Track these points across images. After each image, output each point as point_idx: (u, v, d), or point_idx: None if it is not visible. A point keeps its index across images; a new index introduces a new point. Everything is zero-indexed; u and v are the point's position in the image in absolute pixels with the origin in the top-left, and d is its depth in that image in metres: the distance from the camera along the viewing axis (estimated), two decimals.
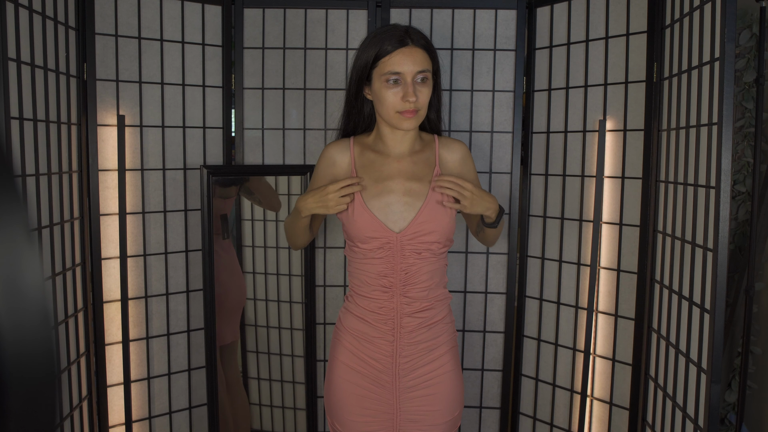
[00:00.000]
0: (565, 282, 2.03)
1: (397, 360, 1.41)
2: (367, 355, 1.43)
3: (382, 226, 1.37)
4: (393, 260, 1.38)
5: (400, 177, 1.42)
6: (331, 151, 1.49)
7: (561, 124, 2.03)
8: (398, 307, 1.40)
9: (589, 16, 1.93)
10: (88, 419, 1.87)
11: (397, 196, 1.40)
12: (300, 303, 2.16)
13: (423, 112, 1.39)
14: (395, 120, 1.37)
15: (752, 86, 2.28)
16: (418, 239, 1.38)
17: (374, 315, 1.42)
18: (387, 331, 1.41)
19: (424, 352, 1.43)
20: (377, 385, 1.43)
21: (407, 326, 1.41)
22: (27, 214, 0.39)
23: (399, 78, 1.35)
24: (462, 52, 2.08)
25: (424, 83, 1.37)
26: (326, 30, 2.10)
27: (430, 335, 1.44)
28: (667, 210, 1.70)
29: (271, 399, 2.27)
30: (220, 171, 2.03)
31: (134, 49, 1.93)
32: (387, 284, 1.40)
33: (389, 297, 1.40)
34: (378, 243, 1.38)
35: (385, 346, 1.42)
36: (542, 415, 2.12)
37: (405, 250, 1.38)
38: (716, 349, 1.40)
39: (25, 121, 1.52)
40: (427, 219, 1.39)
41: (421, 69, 1.36)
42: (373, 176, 1.43)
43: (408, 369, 1.42)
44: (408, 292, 1.40)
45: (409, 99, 1.33)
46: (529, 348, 2.15)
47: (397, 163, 1.44)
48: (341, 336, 1.48)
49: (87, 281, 1.88)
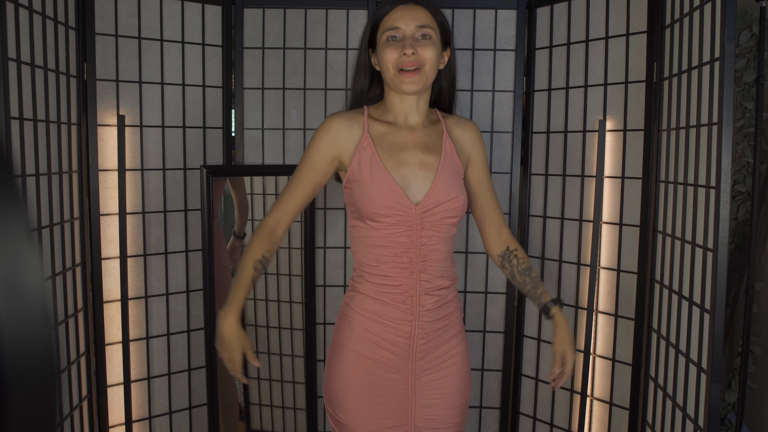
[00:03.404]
0: (565, 282, 2.03)
1: (415, 341, 1.34)
2: (384, 339, 1.34)
3: (404, 198, 1.30)
4: (411, 235, 1.31)
5: (415, 149, 1.35)
6: (335, 125, 1.34)
7: (561, 124, 2.03)
8: (417, 284, 1.33)
9: (589, 16, 1.93)
10: (88, 419, 1.87)
11: (413, 169, 1.33)
12: (300, 303, 2.16)
13: (427, 73, 1.31)
14: (396, 80, 1.30)
15: (752, 86, 2.28)
16: (435, 212, 1.32)
17: (392, 294, 1.33)
18: (406, 310, 1.34)
19: (440, 332, 1.38)
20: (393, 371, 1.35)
21: (426, 304, 1.34)
22: (27, 214, 0.39)
23: (398, 34, 1.30)
24: (462, 52, 2.09)
25: (426, 40, 1.31)
26: (326, 30, 2.10)
27: (446, 314, 1.38)
28: (667, 210, 1.70)
29: (271, 399, 2.27)
30: (220, 171, 2.03)
31: (134, 49, 1.93)
32: (406, 260, 1.32)
33: (408, 274, 1.32)
34: (395, 218, 1.30)
35: (403, 327, 1.34)
36: (542, 415, 2.12)
37: (424, 223, 1.31)
38: (716, 349, 1.40)
39: (25, 121, 1.52)
40: (441, 191, 1.33)
41: (421, 24, 1.30)
42: (387, 148, 1.34)
43: (425, 351, 1.36)
44: (427, 268, 1.33)
45: (406, 51, 1.27)
46: (529, 348, 2.15)
47: (411, 134, 1.37)
48: (352, 321, 1.37)
49: (87, 281, 1.88)
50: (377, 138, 1.35)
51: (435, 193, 1.32)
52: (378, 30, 1.34)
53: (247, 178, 2.15)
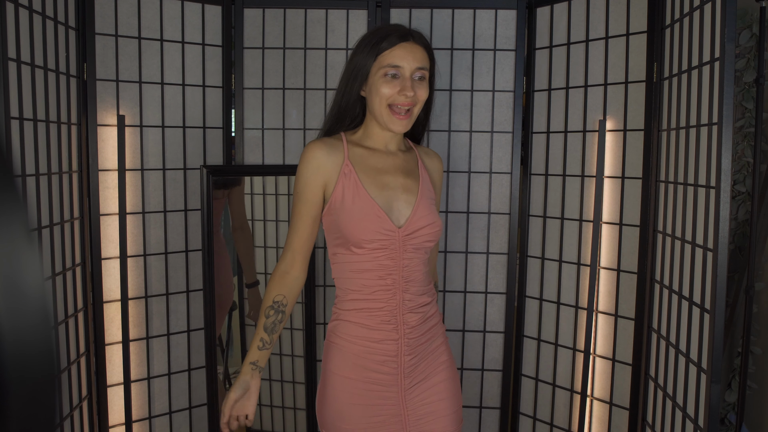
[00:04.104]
0: (565, 282, 2.03)
1: (402, 358, 1.38)
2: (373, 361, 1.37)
3: (388, 222, 1.33)
4: (395, 257, 1.34)
5: (397, 172, 1.39)
6: (315, 154, 1.35)
7: (561, 124, 2.03)
8: (401, 305, 1.37)
9: (589, 16, 1.93)
10: (88, 419, 1.87)
11: (396, 192, 1.36)
12: (300, 303, 2.16)
13: (416, 113, 1.36)
14: (386, 117, 1.33)
15: (752, 86, 2.28)
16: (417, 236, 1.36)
17: (377, 317, 1.37)
18: (391, 329, 1.37)
19: (425, 346, 1.42)
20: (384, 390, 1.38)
21: (410, 322, 1.38)
22: (27, 214, 0.39)
23: (398, 72, 1.32)
24: (462, 52, 2.09)
25: (422, 82, 1.35)
26: (326, 30, 2.10)
27: (429, 328, 1.43)
28: (667, 210, 1.70)
29: (271, 399, 2.27)
30: (220, 171, 2.03)
31: (134, 49, 1.93)
32: (390, 282, 1.35)
33: (391, 295, 1.36)
34: (380, 242, 1.33)
35: (390, 347, 1.37)
36: (542, 415, 2.12)
37: (407, 246, 1.35)
38: (716, 349, 1.40)
39: (25, 121, 1.52)
40: (422, 215, 1.37)
41: (421, 66, 1.34)
42: (370, 172, 1.37)
43: (412, 365, 1.39)
44: (409, 288, 1.38)
45: (407, 93, 1.30)
46: (529, 348, 2.15)
47: (393, 159, 1.41)
48: (341, 349, 1.39)
49: (87, 281, 1.88)
50: (358, 162, 1.37)
51: (417, 217, 1.36)
52: (375, 60, 1.34)
53: (247, 184, 2.15)
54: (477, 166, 2.11)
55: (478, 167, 2.11)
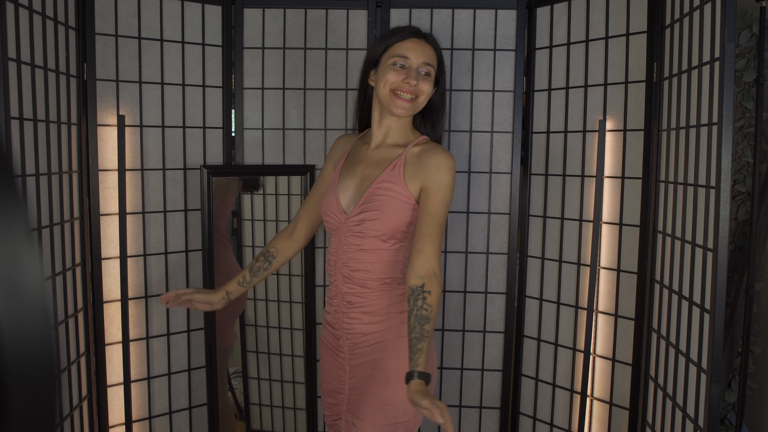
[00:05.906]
0: (565, 282, 2.03)
1: (344, 333, 1.47)
2: (332, 326, 1.51)
3: (337, 205, 1.44)
4: (339, 242, 1.45)
5: (366, 162, 1.47)
6: (338, 142, 1.61)
7: (561, 124, 2.03)
8: (341, 292, 1.45)
9: (589, 16, 1.93)
10: (88, 419, 1.87)
11: (355, 179, 1.46)
12: (300, 303, 2.16)
13: (419, 104, 1.43)
14: (390, 100, 1.41)
15: (752, 86, 2.28)
16: (359, 221, 1.40)
17: (329, 295, 1.52)
18: (333, 311, 1.50)
19: (362, 326, 1.45)
20: (337, 353, 1.51)
21: (349, 323, 1.46)
22: (27, 214, 0.39)
23: (405, 63, 1.40)
24: (462, 52, 2.09)
25: (427, 77, 1.42)
26: (326, 30, 2.10)
27: (369, 314, 1.45)
28: (667, 210, 1.70)
29: (271, 399, 2.27)
30: (220, 171, 2.04)
31: (134, 49, 1.93)
32: (332, 263, 1.47)
33: (334, 273, 1.47)
34: (332, 224, 1.46)
35: (338, 319, 1.48)
36: (542, 415, 2.12)
37: (349, 230, 1.42)
38: (716, 349, 1.40)
39: (25, 121, 1.52)
40: (369, 204, 1.39)
41: (428, 61, 1.42)
42: (351, 162, 1.51)
43: (352, 344, 1.47)
44: (352, 276, 1.44)
45: (411, 81, 1.38)
46: (529, 348, 2.15)
47: (370, 151, 1.49)
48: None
49: (87, 281, 1.88)
50: (351, 154, 1.54)
51: (363, 205, 1.41)
52: (386, 51, 1.44)
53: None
54: (477, 166, 2.11)
55: (478, 167, 2.11)
